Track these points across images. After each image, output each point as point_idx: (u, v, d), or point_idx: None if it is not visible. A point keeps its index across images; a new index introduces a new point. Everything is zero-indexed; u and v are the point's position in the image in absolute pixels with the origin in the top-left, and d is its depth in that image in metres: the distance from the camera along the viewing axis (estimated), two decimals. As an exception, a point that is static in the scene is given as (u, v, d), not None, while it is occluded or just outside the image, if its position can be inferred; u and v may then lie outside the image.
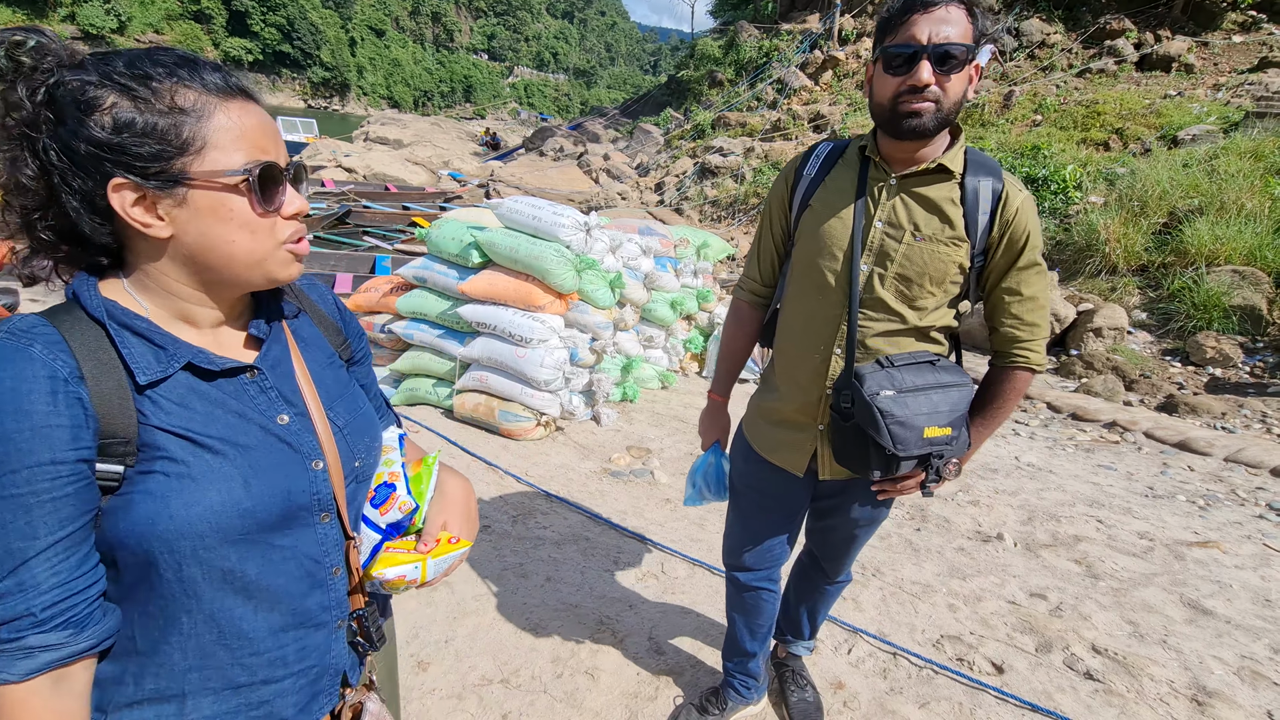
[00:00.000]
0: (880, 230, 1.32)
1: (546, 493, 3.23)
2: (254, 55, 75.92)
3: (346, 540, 0.85)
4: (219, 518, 0.70)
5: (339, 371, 0.91)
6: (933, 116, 1.20)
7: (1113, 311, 6.35)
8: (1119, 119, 11.03)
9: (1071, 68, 13.99)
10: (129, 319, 0.71)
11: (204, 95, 0.68)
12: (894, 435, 1.26)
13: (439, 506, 0.95)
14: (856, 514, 1.57)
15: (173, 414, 0.70)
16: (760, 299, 1.63)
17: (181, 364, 0.72)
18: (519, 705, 1.96)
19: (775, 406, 1.53)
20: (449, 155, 21.77)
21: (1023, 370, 1.38)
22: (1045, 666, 2.25)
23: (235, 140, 0.69)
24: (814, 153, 1.45)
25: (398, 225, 10.73)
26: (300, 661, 0.80)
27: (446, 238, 3.96)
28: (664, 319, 4.73)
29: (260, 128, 0.72)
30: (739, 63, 20.81)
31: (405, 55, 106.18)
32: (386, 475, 0.93)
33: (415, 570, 0.87)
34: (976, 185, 1.28)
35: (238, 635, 0.75)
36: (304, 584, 0.80)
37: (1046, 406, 5.30)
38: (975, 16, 1.18)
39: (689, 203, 13.19)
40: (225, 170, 0.69)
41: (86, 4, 62.39)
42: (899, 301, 1.33)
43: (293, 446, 0.78)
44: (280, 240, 0.74)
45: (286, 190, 0.75)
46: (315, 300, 0.95)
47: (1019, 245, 1.30)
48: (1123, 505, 3.58)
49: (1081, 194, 8.67)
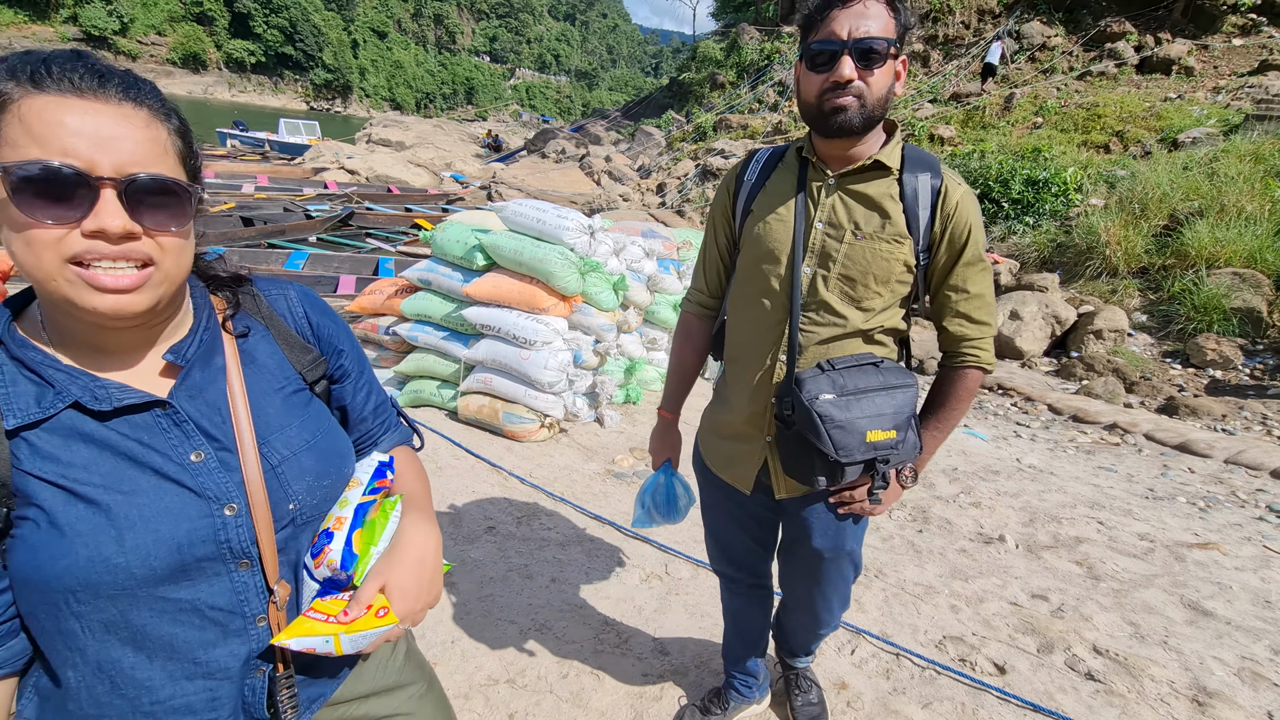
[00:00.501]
0: (821, 231, 1.30)
1: (550, 494, 3.25)
2: (256, 57, 76.08)
3: (270, 592, 0.76)
4: (87, 574, 0.64)
5: (291, 397, 0.81)
6: (858, 112, 1.18)
7: (1113, 313, 6.37)
8: (1119, 121, 11.06)
9: (1072, 70, 14.02)
10: (23, 351, 0.66)
11: (17, 87, 0.59)
12: (834, 440, 1.22)
13: (385, 565, 0.79)
14: (819, 542, 1.46)
15: (47, 460, 0.65)
16: (708, 310, 1.59)
17: (68, 403, 0.66)
18: (525, 705, 1.98)
19: (726, 420, 1.50)
20: (451, 157, 21.81)
21: (973, 369, 1.35)
22: (1047, 667, 2.26)
23: (24, 135, 0.59)
24: (754, 158, 1.43)
25: (400, 227, 10.78)
26: (211, 711, 0.74)
27: (451, 240, 3.98)
28: (667, 321, 4.75)
29: (75, 127, 0.59)
30: (740, 65, 20.86)
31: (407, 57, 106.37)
32: (334, 519, 0.81)
33: (327, 644, 0.73)
34: (915, 181, 1.26)
35: (133, 684, 0.70)
36: (210, 634, 0.72)
37: (1048, 408, 5.32)
38: (897, 10, 1.18)
39: (690, 204, 13.22)
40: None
41: (89, 5, 62.54)
42: (844, 303, 1.31)
43: (195, 491, 0.70)
44: (64, 257, 0.60)
45: (99, 204, 0.61)
46: (282, 313, 0.86)
47: (961, 240, 1.27)
48: (1123, 507, 3.60)
49: (1082, 196, 8.69)
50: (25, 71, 0.59)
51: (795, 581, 1.62)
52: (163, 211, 0.65)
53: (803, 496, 1.44)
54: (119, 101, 0.62)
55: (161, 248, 0.65)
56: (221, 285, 0.82)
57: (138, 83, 0.65)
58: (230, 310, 0.80)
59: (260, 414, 0.77)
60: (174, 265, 0.68)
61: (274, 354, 0.82)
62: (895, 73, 1.21)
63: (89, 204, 0.60)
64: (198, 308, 0.78)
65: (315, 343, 0.87)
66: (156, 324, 0.73)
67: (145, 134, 0.64)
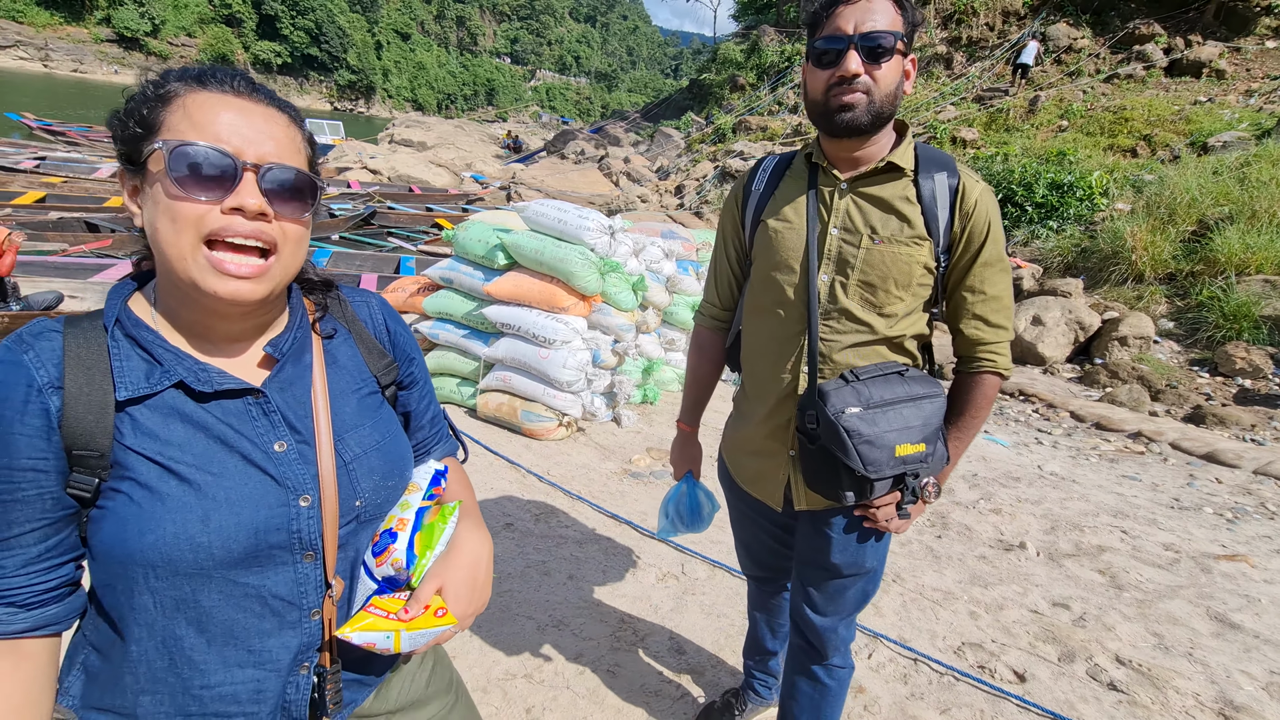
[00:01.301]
0: (836, 237, 1.26)
1: (568, 492, 3.27)
2: (283, 58, 77.30)
3: (328, 587, 0.78)
4: (171, 550, 0.67)
5: (366, 399, 0.85)
6: (865, 109, 1.15)
7: (1139, 320, 6.26)
8: (1147, 125, 10.87)
9: (1099, 73, 13.81)
10: (136, 330, 0.71)
11: (185, 85, 0.68)
12: (863, 456, 1.17)
13: (441, 567, 0.82)
14: (838, 558, 1.38)
15: (147, 435, 0.68)
16: (720, 323, 1.56)
17: (173, 381, 0.70)
18: (542, 700, 2.00)
19: (748, 434, 1.46)
20: (471, 157, 22.00)
21: (990, 375, 1.30)
22: (1068, 676, 2.24)
23: (186, 123, 0.66)
24: (760, 166, 1.40)
25: (421, 226, 10.90)
26: (254, 704, 0.75)
27: (473, 239, 4.03)
28: (685, 322, 4.76)
29: (230, 120, 0.67)
30: (761, 66, 20.81)
31: (430, 59, 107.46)
32: (396, 520, 0.83)
33: (387, 640, 0.75)
34: (931, 181, 1.22)
35: (189, 664, 0.72)
36: (269, 623, 0.74)
37: (1070, 415, 5.24)
38: (904, 7, 1.15)
39: (709, 206, 13.21)
40: (147, 147, 0.66)
41: (121, 7, 64.01)
42: (866, 310, 1.26)
43: (276, 480, 0.73)
44: (203, 233, 0.66)
45: (240, 185, 0.67)
46: (364, 319, 0.90)
47: (980, 239, 1.23)
48: (1148, 516, 3.54)
49: (1108, 201, 8.55)
50: (193, 73, 0.69)
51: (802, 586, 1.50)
52: (291, 201, 0.71)
53: (824, 510, 1.39)
54: (266, 104, 0.71)
55: (284, 234, 0.71)
56: (313, 289, 0.87)
57: (279, 98, 0.75)
58: (319, 313, 0.85)
59: (338, 412, 0.80)
60: (291, 256, 0.73)
61: (353, 357, 0.86)
62: (905, 71, 1.18)
63: (231, 184, 0.67)
64: (293, 308, 0.83)
65: (390, 349, 0.91)
66: (261, 317, 0.77)
67: (285, 133, 0.72)
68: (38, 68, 58.18)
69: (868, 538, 1.37)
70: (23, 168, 11.62)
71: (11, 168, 11.51)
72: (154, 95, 0.68)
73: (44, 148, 14.79)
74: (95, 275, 5.93)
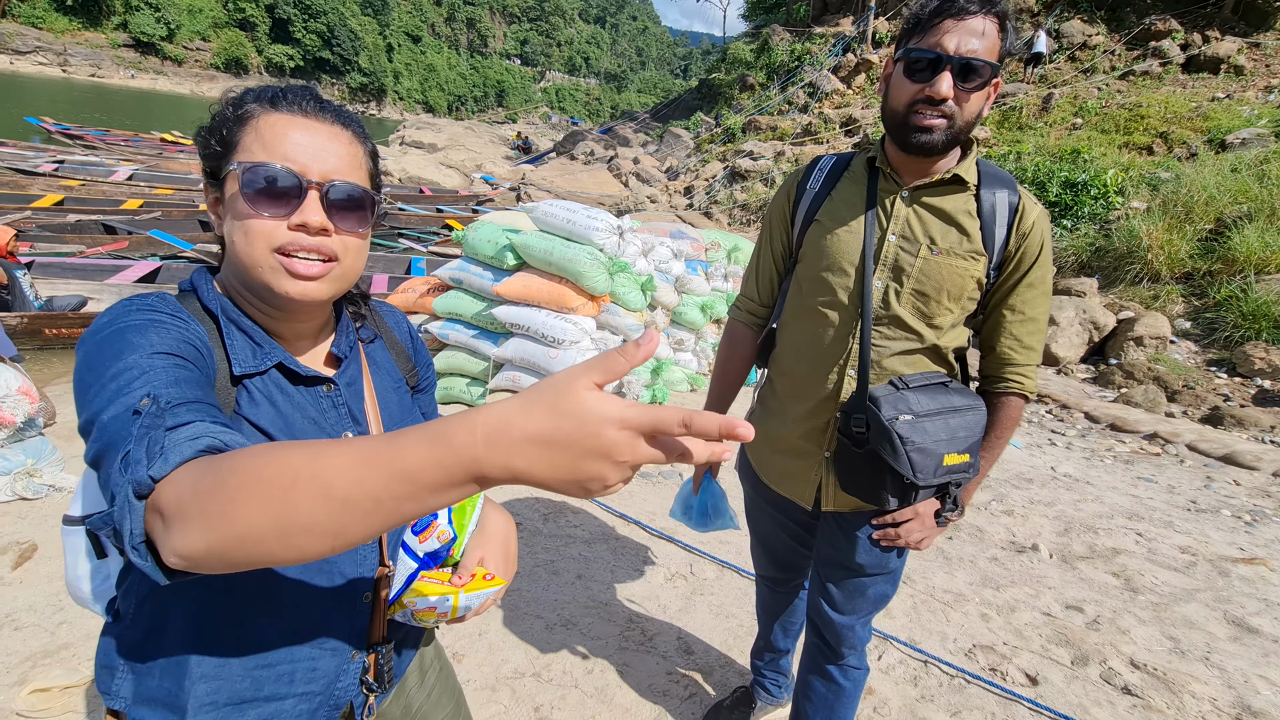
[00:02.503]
0: (894, 244, 1.26)
1: (577, 492, 3.28)
2: (295, 61, 78.02)
3: (380, 568, 0.84)
4: None
5: (404, 396, 0.94)
6: (944, 133, 1.15)
7: (1155, 320, 6.17)
8: (1164, 122, 10.73)
9: (1114, 70, 13.65)
10: (236, 316, 0.77)
11: (259, 107, 0.73)
12: (914, 463, 1.18)
13: (479, 541, 0.94)
14: (863, 558, 1.38)
15: (260, 408, 0.74)
16: (758, 319, 1.55)
17: (274, 363, 0.76)
18: (551, 699, 2.00)
19: (779, 433, 1.45)
20: (481, 159, 22.10)
21: (1016, 397, 1.30)
22: (1081, 680, 2.21)
23: (258, 143, 0.71)
24: (817, 166, 1.39)
25: (432, 227, 10.95)
26: (308, 683, 0.79)
27: (483, 240, 4.05)
28: (694, 322, 4.75)
29: (297, 140, 0.72)
30: (770, 66, 20.76)
31: (440, 61, 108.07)
32: None
33: (446, 603, 0.85)
34: (993, 197, 1.23)
35: (254, 643, 0.75)
36: (330, 603, 0.79)
37: (1084, 416, 5.18)
38: (1006, 33, 1.13)
39: (718, 206, 13.19)
40: (226, 166, 0.72)
41: (138, 13, 64.85)
42: (917, 319, 1.27)
43: None
44: (272, 247, 0.71)
45: (304, 203, 0.72)
46: (391, 326, 0.99)
47: (1031, 260, 1.24)
48: (1163, 519, 3.49)
49: (1123, 199, 8.45)
50: (267, 95, 0.74)
51: (822, 584, 1.50)
52: (351, 215, 0.76)
53: (850, 511, 1.39)
54: (331, 123, 0.76)
55: (345, 246, 0.76)
56: (351, 300, 0.94)
57: (346, 113, 0.79)
58: (358, 322, 0.93)
59: (385, 407, 0.88)
60: (351, 264, 0.78)
61: (387, 359, 0.95)
62: (988, 96, 1.18)
63: (297, 202, 0.72)
64: (340, 317, 0.90)
65: (413, 355, 1.00)
66: (321, 319, 0.84)
67: (348, 150, 0.77)
68: (56, 73, 59.07)
69: None
70: (42, 171, 11.79)
71: (31, 171, 11.68)
72: (233, 116, 0.73)
73: (63, 151, 14.99)
74: (112, 277, 6.00)
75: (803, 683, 1.59)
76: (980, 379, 1.36)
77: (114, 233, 8.00)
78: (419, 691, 1.01)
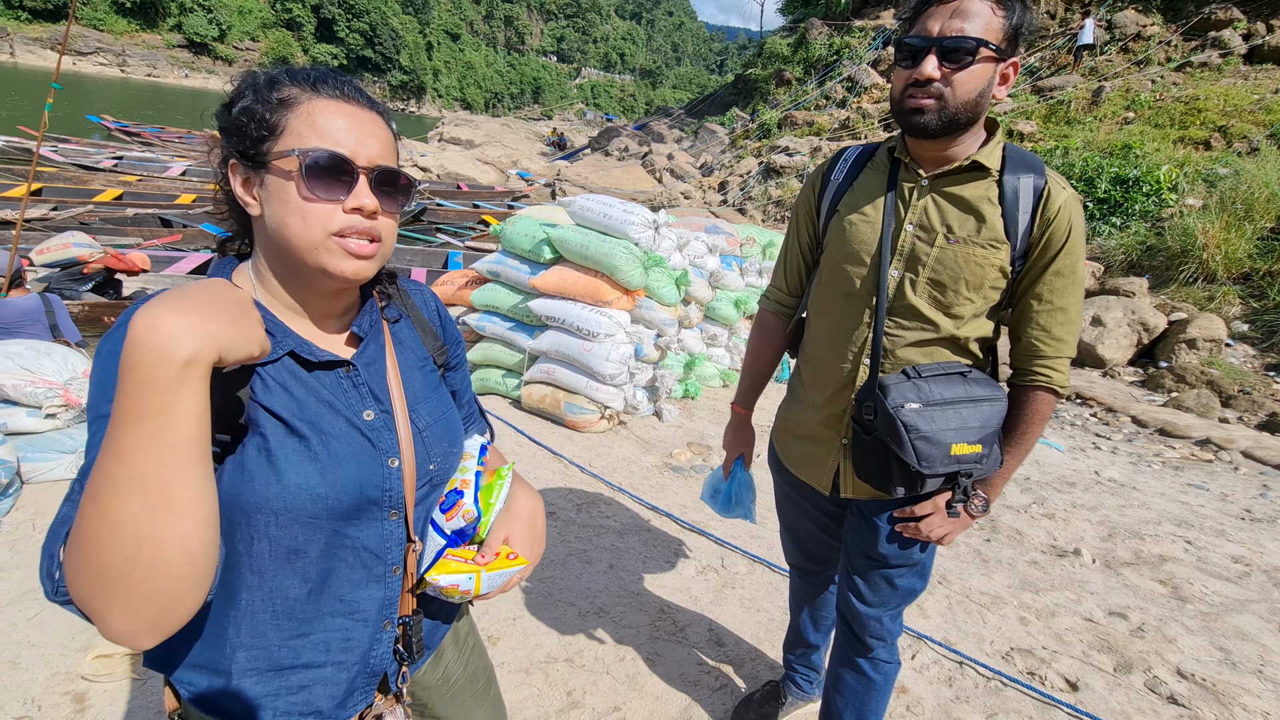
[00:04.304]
0: (911, 234, 1.26)
1: (610, 483, 3.31)
2: (339, 60, 79.91)
3: (409, 542, 0.85)
4: (293, 498, 0.73)
5: (429, 375, 0.94)
6: (935, 114, 1.14)
7: (1209, 321, 5.93)
8: (1222, 116, 10.25)
9: (1169, 61, 13.08)
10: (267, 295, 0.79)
11: (303, 92, 0.73)
12: (919, 451, 1.19)
13: (504, 520, 0.93)
14: (885, 548, 1.39)
15: (274, 394, 0.75)
16: (786, 309, 1.57)
17: (286, 350, 0.76)
18: (583, 684, 2.03)
19: (801, 419, 1.48)
20: (517, 155, 22.31)
21: (1044, 391, 1.26)
22: (1124, 688, 2.15)
23: (310, 129, 0.72)
24: (841, 156, 1.40)
25: (469, 222, 11.12)
26: (343, 652, 0.82)
27: (520, 234, 4.10)
28: (728, 318, 4.74)
29: (345, 126, 0.74)
30: (808, 60, 20.45)
31: (478, 58, 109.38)
32: (459, 481, 0.93)
33: (469, 581, 0.86)
34: (1016, 183, 1.20)
35: (290, 615, 0.77)
36: (361, 575, 0.81)
37: (1131, 420, 5.01)
38: (1010, 9, 1.11)
39: (752, 202, 13.08)
40: (285, 151, 0.72)
41: (192, 15, 67.23)
42: (933, 308, 1.26)
43: (372, 442, 0.80)
44: (330, 230, 0.73)
45: (357, 187, 0.74)
46: (418, 305, 0.99)
47: (1057, 246, 1.20)
48: (1215, 527, 3.36)
49: (1177, 196, 8.11)
50: (309, 79, 0.74)
51: (848, 573, 1.49)
52: (393, 198, 0.78)
53: (872, 500, 1.40)
54: (369, 109, 0.78)
55: (386, 228, 0.79)
56: (377, 280, 0.95)
57: (376, 100, 0.81)
58: (384, 301, 0.93)
59: (409, 386, 0.88)
60: (389, 244, 0.80)
61: (414, 338, 0.95)
62: (1002, 75, 1.16)
63: (350, 186, 0.74)
64: (364, 296, 0.90)
65: (442, 333, 1.00)
66: (350, 298, 0.86)
67: (386, 135, 0.79)
68: (115, 73, 61.64)
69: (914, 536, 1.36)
70: (102, 166, 12.35)
71: (93, 167, 12.24)
72: (275, 100, 0.73)
73: (121, 148, 15.65)
74: (167, 268, 6.26)
75: (833, 675, 1.59)
76: (1011, 372, 1.33)
77: (169, 226, 8.34)
78: (456, 664, 1.04)
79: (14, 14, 58.18)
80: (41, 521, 2.58)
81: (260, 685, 0.78)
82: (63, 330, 3.58)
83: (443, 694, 1.02)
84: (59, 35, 57.61)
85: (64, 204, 8.47)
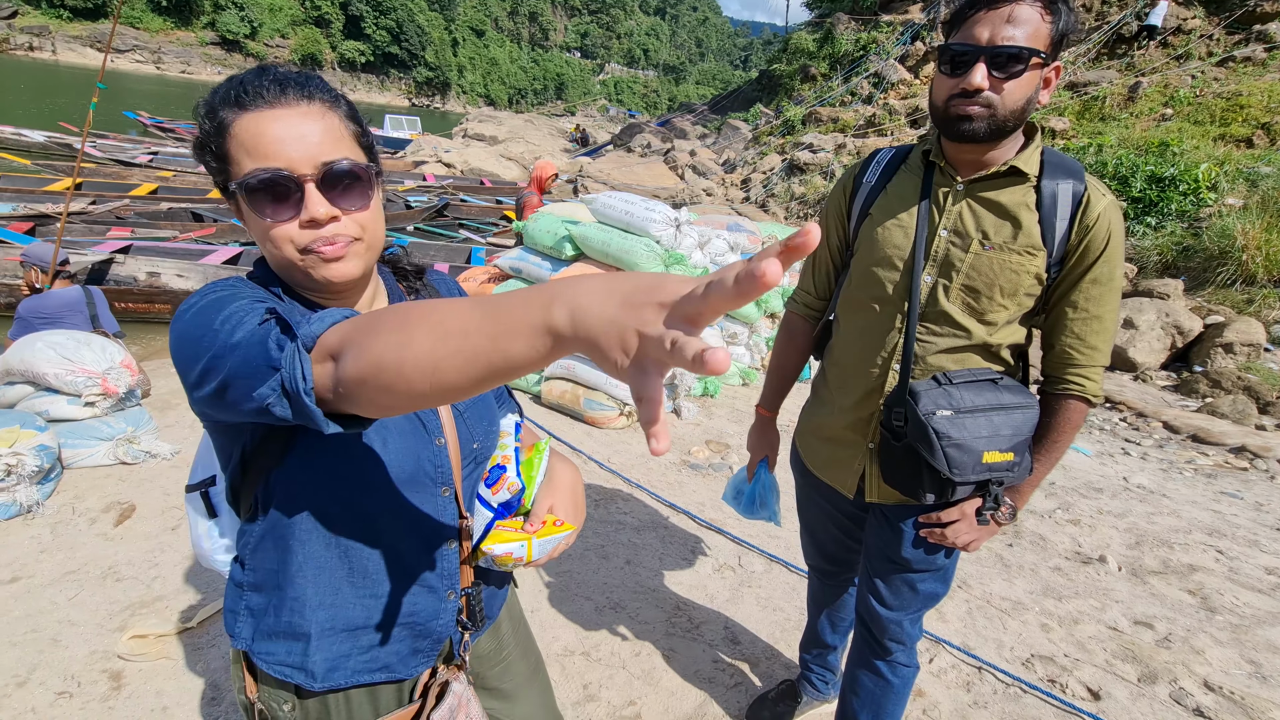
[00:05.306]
0: (945, 239, 1.24)
1: (628, 480, 3.33)
2: (366, 57, 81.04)
3: (461, 519, 0.90)
4: (363, 465, 0.78)
5: None
6: (985, 122, 1.12)
7: (1248, 326, 5.75)
8: (1267, 112, 9.92)
9: (1211, 56, 12.68)
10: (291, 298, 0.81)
11: (230, 112, 0.71)
12: (950, 458, 1.17)
13: (547, 490, 0.98)
14: (909, 552, 1.38)
15: None
16: (813, 312, 1.56)
17: None
18: (599, 677, 2.06)
19: (826, 422, 1.47)
20: (540, 151, 22.42)
21: (1076, 400, 1.24)
22: (1148, 698, 2.12)
23: (243, 152, 0.70)
24: (874, 159, 1.38)
25: (491, 218, 11.21)
26: (410, 616, 0.87)
27: (542, 230, 4.13)
28: (747, 316, 4.73)
29: (275, 136, 0.70)
30: (834, 56, 20.20)
31: (503, 54, 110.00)
32: (500, 458, 0.98)
33: (521, 549, 0.90)
34: (1055, 188, 1.18)
35: (364, 574, 0.83)
36: (421, 544, 0.86)
37: (1163, 426, 4.89)
38: (1057, 14, 1.09)
39: (775, 200, 12.98)
40: (234, 181, 0.71)
41: (224, 12, 68.60)
42: (966, 315, 1.24)
43: (422, 422, 0.85)
44: (298, 247, 0.72)
45: (306, 197, 0.71)
46: (444, 294, 1.01)
47: (1095, 254, 1.17)
48: (1249, 537, 3.27)
49: (1216, 195, 7.88)
50: (231, 97, 0.71)
51: (869, 577, 1.49)
52: (352, 192, 0.75)
53: (896, 504, 1.38)
54: (297, 102, 0.72)
55: (360, 224, 0.76)
56: (405, 276, 0.98)
57: (308, 80, 0.75)
58: (413, 295, 0.96)
59: None
60: (373, 234, 0.78)
61: None
62: (1045, 80, 1.14)
63: (300, 199, 0.71)
64: (391, 290, 0.92)
65: None
66: (364, 291, 0.85)
67: (322, 125, 0.73)
68: (151, 70, 63.14)
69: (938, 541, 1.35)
70: (139, 162, 12.69)
71: (130, 162, 12.59)
72: (214, 129, 0.71)
73: (156, 143, 16.08)
74: (200, 260, 6.42)
75: (850, 677, 1.59)
76: (1042, 379, 1.31)
77: (201, 220, 8.54)
78: (510, 635, 1.09)
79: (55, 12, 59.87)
80: (81, 505, 2.67)
81: (336, 645, 0.83)
82: (102, 321, 3.70)
83: (495, 663, 1.06)
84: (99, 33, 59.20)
85: (102, 198, 8.73)
